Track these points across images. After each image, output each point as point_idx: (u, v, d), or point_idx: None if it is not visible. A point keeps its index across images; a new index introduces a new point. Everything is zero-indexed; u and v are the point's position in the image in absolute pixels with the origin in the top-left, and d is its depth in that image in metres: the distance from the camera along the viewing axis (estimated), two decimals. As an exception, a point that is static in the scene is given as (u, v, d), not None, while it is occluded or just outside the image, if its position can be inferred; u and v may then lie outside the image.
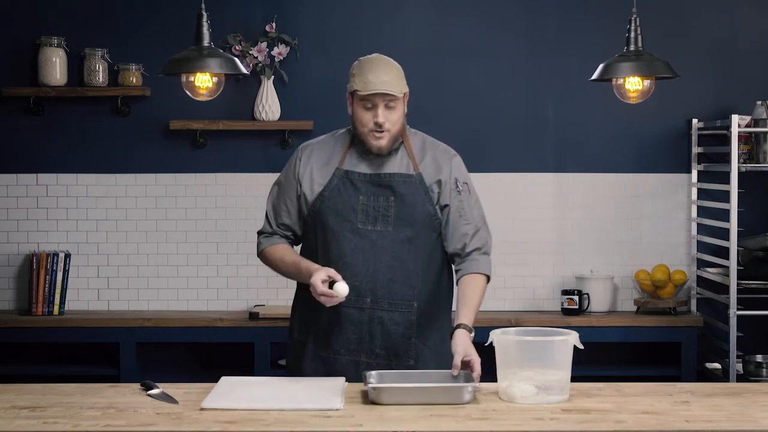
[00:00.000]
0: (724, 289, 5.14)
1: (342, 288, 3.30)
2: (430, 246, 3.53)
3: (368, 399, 3.10)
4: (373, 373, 3.21)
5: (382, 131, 3.45)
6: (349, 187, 3.48)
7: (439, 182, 3.53)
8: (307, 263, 3.43)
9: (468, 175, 3.62)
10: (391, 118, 3.48)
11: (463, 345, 3.24)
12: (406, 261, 3.47)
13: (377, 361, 3.45)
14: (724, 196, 5.13)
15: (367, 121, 3.47)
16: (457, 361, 3.18)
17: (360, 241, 3.45)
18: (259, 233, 3.62)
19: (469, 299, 3.45)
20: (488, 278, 3.61)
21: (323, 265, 3.39)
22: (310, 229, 3.52)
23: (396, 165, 3.52)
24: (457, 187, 3.56)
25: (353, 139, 3.56)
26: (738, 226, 5.02)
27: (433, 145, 3.65)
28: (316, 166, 3.53)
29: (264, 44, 5.39)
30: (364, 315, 3.45)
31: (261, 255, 3.60)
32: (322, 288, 3.29)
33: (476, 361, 3.19)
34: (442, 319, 3.57)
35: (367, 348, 3.46)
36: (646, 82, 3.96)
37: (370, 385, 3.09)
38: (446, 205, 3.53)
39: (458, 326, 3.33)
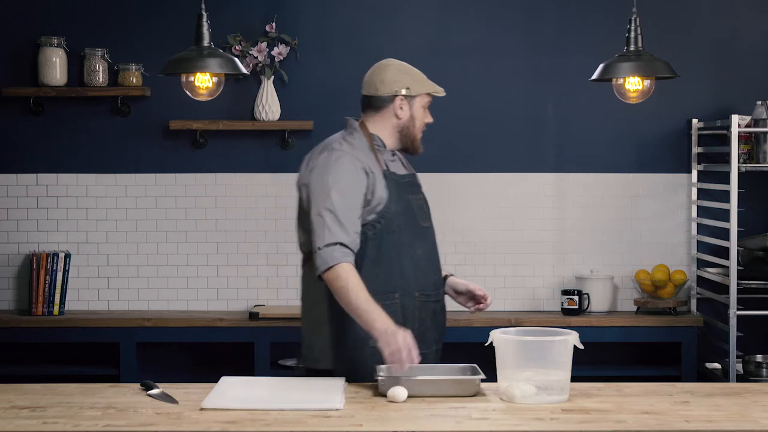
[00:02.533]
0: (724, 289, 5.14)
1: (400, 393, 3.12)
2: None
3: (377, 393, 3.12)
4: (383, 366, 3.25)
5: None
6: (400, 189, 3.53)
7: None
8: (382, 315, 3.24)
9: None
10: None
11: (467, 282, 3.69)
12: (437, 250, 3.65)
13: (439, 347, 3.62)
14: (724, 196, 5.13)
15: (423, 121, 3.62)
16: (480, 290, 3.71)
17: (427, 239, 3.57)
18: (322, 248, 3.30)
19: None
20: None
21: (414, 265, 3.48)
22: (375, 234, 3.43)
23: (407, 165, 3.70)
24: None
25: (373, 142, 3.55)
26: (738, 226, 5.02)
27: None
28: (373, 175, 3.45)
29: (264, 44, 5.39)
30: (439, 306, 3.63)
31: (337, 269, 3.27)
32: (411, 353, 3.19)
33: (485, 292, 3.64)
34: None
35: (439, 337, 3.61)
36: (646, 82, 3.96)
37: (379, 378, 3.14)
38: None
39: (448, 275, 3.72)
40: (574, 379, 3.18)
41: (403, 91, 3.55)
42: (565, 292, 5.36)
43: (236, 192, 5.53)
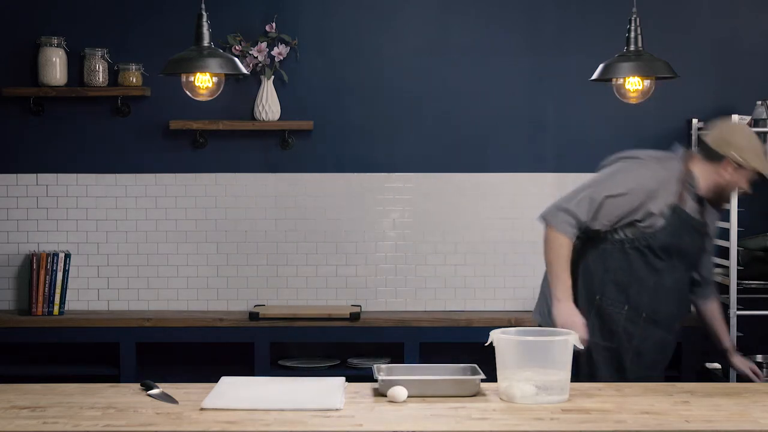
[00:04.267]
0: (724, 289, 5.14)
1: (400, 393, 3.17)
2: None
3: (377, 393, 3.13)
4: (383, 366, 3.28)
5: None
6: (682, 227, 3.72)
7: (710, 233, 3.90)
8: (569, 285, 3.70)
9: None
10: None
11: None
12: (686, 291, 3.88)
13: (658, 376, 3.85)
14: (724, 196, 5.12)
15: (737, 188, 3.75)
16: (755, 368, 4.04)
17: (680, 275, 3.77)
18: (563, 210, 3.70)
19: (722, 323, 4.09)
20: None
21: (655, 290, 3.73)
22: (632, 249, 3.73)
23: (711, 216, 3.85)
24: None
25: (686, 180, 3.73)
26: (738, 226, 5.02)
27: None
28: (666, 196, 3.70)
29: (264, 44, 5.39)
30: (671, 336, 3.84)
31: (558, 234, 3.69)
32: (579, 327, 3.58)
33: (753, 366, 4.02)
34: None
35: (657, 364, 3.84)
36: (646, 82, 3.96)
37: (380, 378, 3.13)
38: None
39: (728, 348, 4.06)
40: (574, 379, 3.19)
41: (739, 161, 3.68)
42: (565, 292, 5.35)
43: (236, 192, 5.54)
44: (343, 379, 3.34)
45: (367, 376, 3.35)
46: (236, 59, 3.72)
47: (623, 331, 3.74)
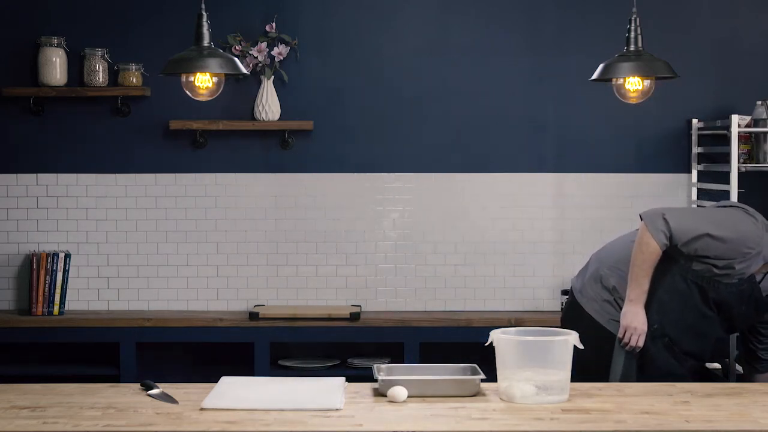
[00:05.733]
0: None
1: (400, 393, 3.18)
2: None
3: (377, 393, 3.13)
4: (383, 366, 3.28)
5: None
6: (745, 296, 3.81)
7: None
8: (645, 291, 3.81)
9: None
10: None
11: None
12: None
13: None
14: (724, 196, 5.12)
15: None
16: None
17: (711, 326, 3.86)
18: (666, 220, 3.78)
19: None
20: None
21: (666, 304, 3.81)
22: (687, 274, 3.81)
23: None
24: None
25: None
26: (738, 226, 5.01)
27: None
28: (752, 255, 3.78)
29: (264, 44, 5.39)
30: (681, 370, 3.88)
31: (652, 240, 3.78)
32: (641, 333, 3.77)
33: None
34: None
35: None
36: (646, 82, 3.96)
37: (380, 378, 3.13)
38: None
39: None
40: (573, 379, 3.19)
41: None
42: (565, 292, 5.36)
43: (236, 192, 5.53)
44: (343, 379, 3.34)
45: (367, 376, 3.35)
46: (236, 59, 3.71)
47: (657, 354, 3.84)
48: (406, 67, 5.55)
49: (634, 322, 3.78)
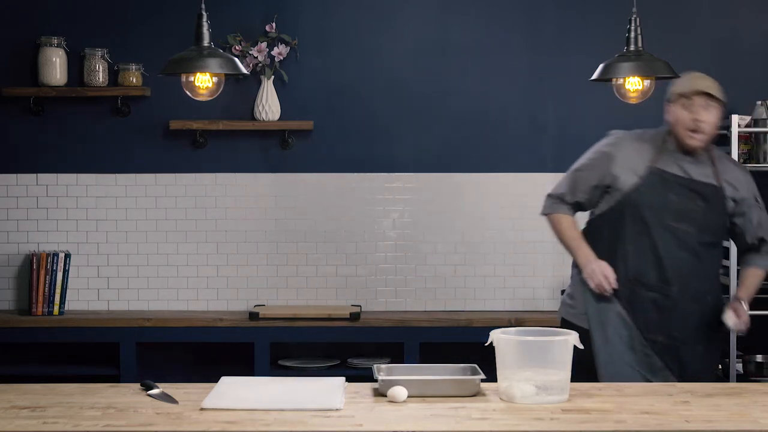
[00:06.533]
0: (725, 289, 5.13)
1: (400, 393, 3.16)
2: (721, 254, 3.91)
3: (377, 393, 3.13)
4: (383, 366, 3.27)
5: (699, 133, 3.72)
6: (663, 185, 3.76)
7: (736, 197, 3.80)
8: (587, 249, 3.82)
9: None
10: (710, 120, 3.73)
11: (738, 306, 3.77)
12: (705, 261, 3.79)
13: (670, 341, 3.76)
14: (724, 196, 5.12)
15: (685, 119, 3.73)
16: (733, 304, 3.75)
17: (669, 236, 3.74)
18: (549, 195, 3.95)
19: (751, 283, 3.90)
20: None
21: (637, 253, 3.75)
22: (615, 216, 3.80)
23: (703, 173, 3.79)
24: (757, 202, 3.85)
25: (664, 141, 3.81)
26: (738, 226, 5.01)
27: (730, 160, 3.94)
28: (630, 157, 3.81)
29: (264, 44, 5.39)
30: (669, 301, 3.75)
31: (554, 215, 3.94)
32: (608, 273, 3.72)
33: (743, 311, 3.76)
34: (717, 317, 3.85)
35: (661, 328, 3.75)
36: (646, 82, 3.96)
37: (380, 378, 3.13)
38: (742, 214, 3.83)
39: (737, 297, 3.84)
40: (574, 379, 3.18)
41: (667, 98, 3.78)
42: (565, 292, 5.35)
43: (236, 192, 5.54)
44: (343, 379, 3.34)
45: (367, 376, 3.35)
46: (236, 59, 3.71)
47: (628, 303, 3.78)
48: (406, 67, 5.55)
49: (601, 270, 3.74)
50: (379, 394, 3.17)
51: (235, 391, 3.17)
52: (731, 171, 3.82)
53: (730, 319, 3.76)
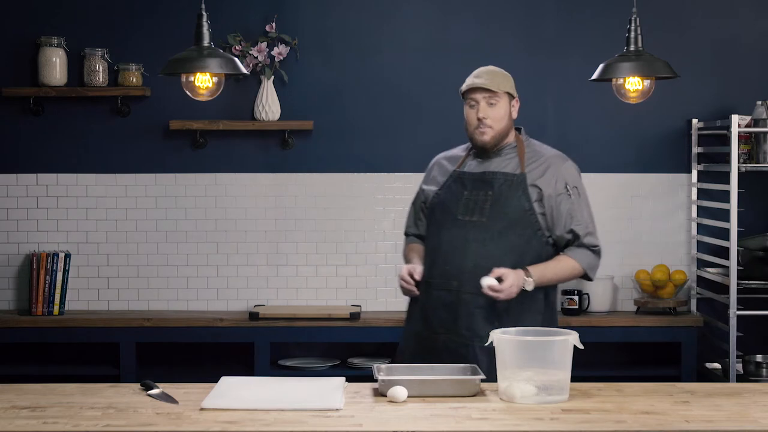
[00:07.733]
0: (724, 289, 5.14)
1: (400, 393, 3.16)
2: (524, 240, 3.72)
3: (377, 393, 3.13)
4: (383, 366, 3.27)
5: (485, 126, 3.78)
6: (458, 184, 3.82)
7: (540, 184, 3.75)
8: (408, 259, 3.90)
9: (579, 179, 3.86)
10: (493, 115, 3.80)
11: (504, 270, 3.58)
12: (494, 251, 3.69)
13: (461, 340, 3.67)
14: (724, 196, 5.13)
15: (471, 118, 3.83)
16: (492, 274, 3.56)
17: (456, 231, 3.74)
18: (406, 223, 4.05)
19: (549, 264, 3.72)
20: (586, 274, 3.82)
21: (429, 254, 3.80)
22: (427, 225, 3.89)
23: (502, 165, 3.81)
24: (567, 190, 3.79)
25: (470, 147, 3.90)
26: (738, 226, 5.02)
27: (546, 151, 3.92)
28: (440, 173, 3.92)
29: (264, 44, 5.39)
30: (452, 296, 3.70)
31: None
32: (404, 274, 3.76)
33: (506, 282, 3.55)
34: (533, 310, 3.73)
35: (452, 327, 3.69)
36: (646, 82, 3.96)
37: (380, 378, 3.13)
38: (550, 202, 3.75)
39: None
40: (574, 379, 3.18)
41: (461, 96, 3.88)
42: (565, 292, 5.36)
43: (236, 192, 5.54)
44: (343, 379, 3.34)
45: (367, 376, 3.36)
46: (236, 59, 3.71)
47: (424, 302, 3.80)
48: (406, 67, 5.55)
49: (400, 276, 3.80)
50: (379, 394, 3.17)
51: (235, 391, 3.17)
52: (541, 159, 3.82)
53: (485, 279, 3.56)
